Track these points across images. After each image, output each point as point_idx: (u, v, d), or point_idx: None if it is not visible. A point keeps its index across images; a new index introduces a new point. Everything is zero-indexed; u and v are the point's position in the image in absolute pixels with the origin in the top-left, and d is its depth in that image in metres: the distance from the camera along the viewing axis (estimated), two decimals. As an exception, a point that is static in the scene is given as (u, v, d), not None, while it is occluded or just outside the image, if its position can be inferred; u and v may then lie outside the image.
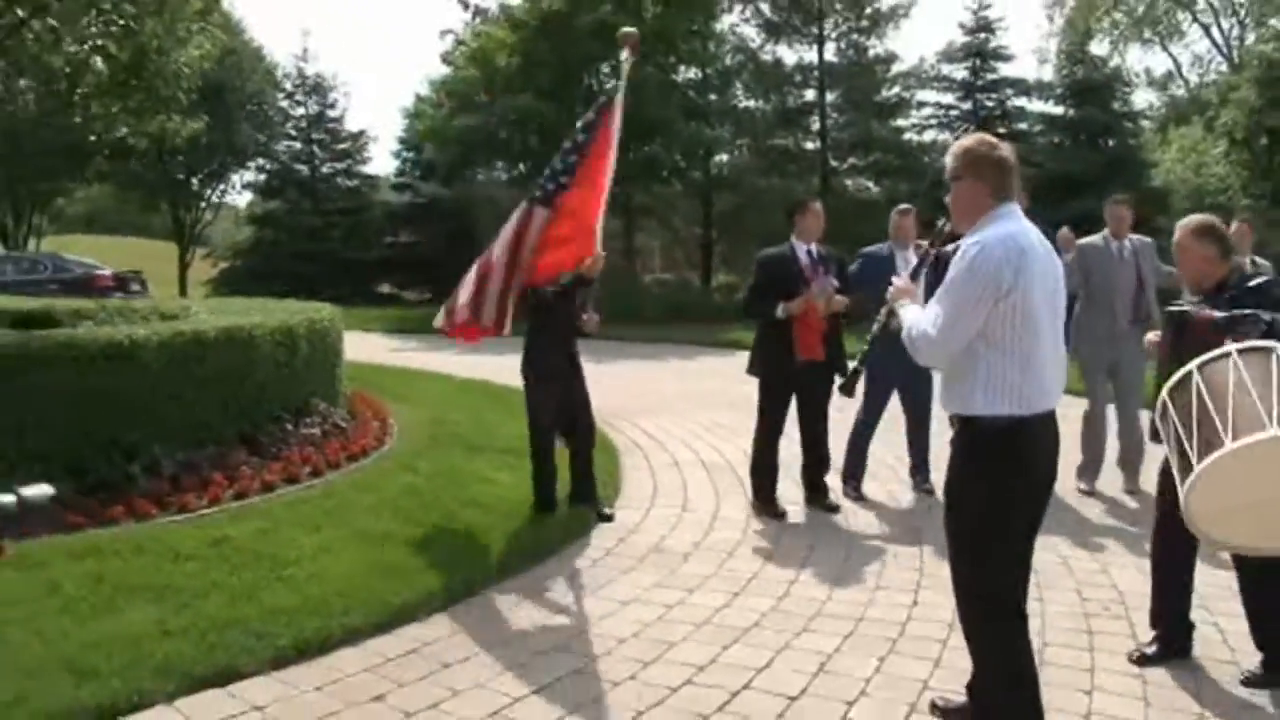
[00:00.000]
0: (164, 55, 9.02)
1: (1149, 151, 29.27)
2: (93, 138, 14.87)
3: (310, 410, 7.99)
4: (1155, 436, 3.88)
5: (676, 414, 10.74)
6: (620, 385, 13.08)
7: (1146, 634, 4.54)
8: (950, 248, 3.78)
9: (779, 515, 6.76)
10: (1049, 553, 5.89)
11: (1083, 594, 5.26)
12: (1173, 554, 4.39)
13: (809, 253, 6.81)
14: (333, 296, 15.16)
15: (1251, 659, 4.27)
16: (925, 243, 4.02)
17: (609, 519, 6.57)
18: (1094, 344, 7.30)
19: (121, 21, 7.97)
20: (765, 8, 31.41)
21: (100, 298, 14.25)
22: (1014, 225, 3.38)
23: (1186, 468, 2.79)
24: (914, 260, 4.19)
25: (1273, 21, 34.88)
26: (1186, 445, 2.82)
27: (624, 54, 6.81)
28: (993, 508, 3.37)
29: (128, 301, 11.49)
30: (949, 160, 3.57)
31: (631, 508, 6.97)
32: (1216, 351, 2.94)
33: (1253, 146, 22.82)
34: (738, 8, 31.50)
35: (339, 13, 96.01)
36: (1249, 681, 4.15)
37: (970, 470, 3.43)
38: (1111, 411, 7.40)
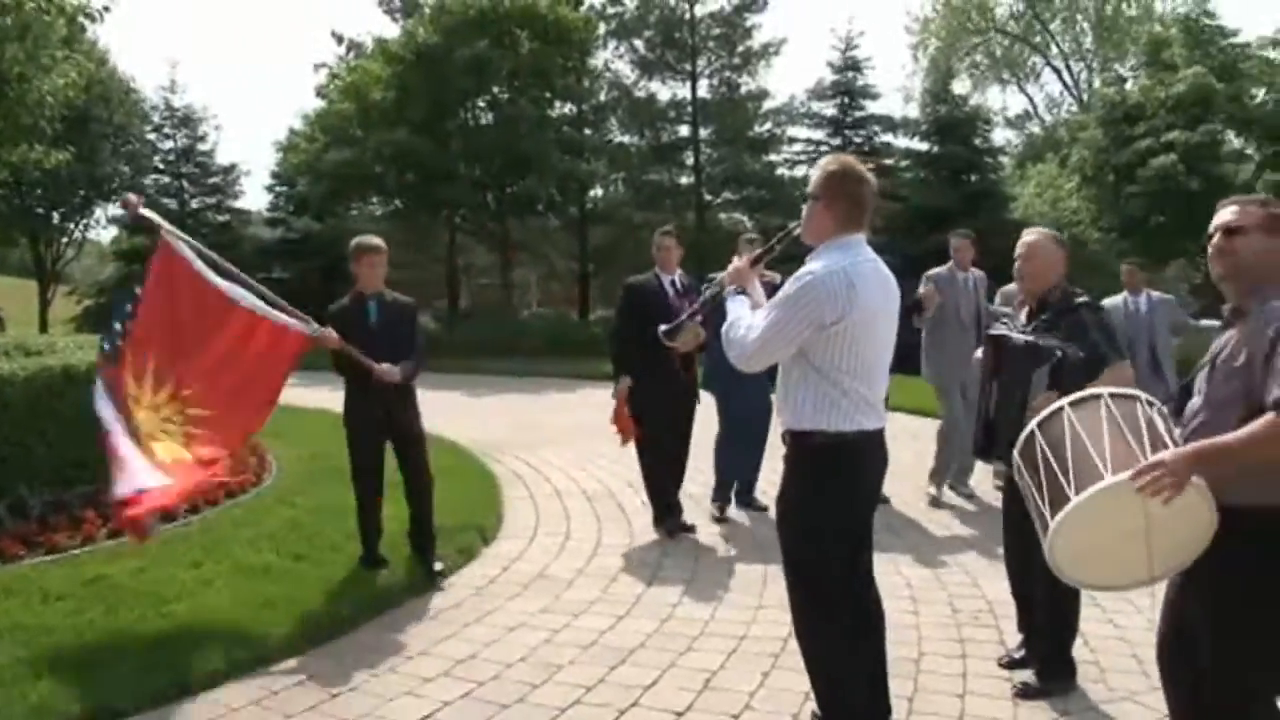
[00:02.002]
0: (26, 82, 8.76)
1: (1009, 186, 30.41)
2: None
3: (185, 446, 7.82)
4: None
5: (558, 445, 10.80)
6: (501, 418, 13.11)
7: (1014, 640, 4.75)
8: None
9: (686, 529, 7.03)
10: (921, 567, 6.14)
11: (954, 605, 5.48)
12: (1025, 568, 4.58)
13: (672, 283, 6.99)
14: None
15: (1108, 659, 4.53)
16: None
17: (441, 574, 6.01)
18: (947, 364, 7.86)
19: (-24, 45, 7.78)
20: (639, 44, 31.86)
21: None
22: (849, 258, 3.47)
23: (1045, 525, 2.94)
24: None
25: (1116, 67, 36.84)
26: (1040, 504, 2.98)
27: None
28: (821, 520, 3.55)
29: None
30: (814, 174, 3.67)
31: (515, 537, 7.01)
32: (1051, 408, 3.08)
33: (1101, 182, 23.98)
34: (612, 44, 31.91)
35: (208, 44, 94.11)
36: (1025, 693, 4.28)
37: (799, 484, 3.60)
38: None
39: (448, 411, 13.52)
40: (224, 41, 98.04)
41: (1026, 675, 4.40)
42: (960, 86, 41.52)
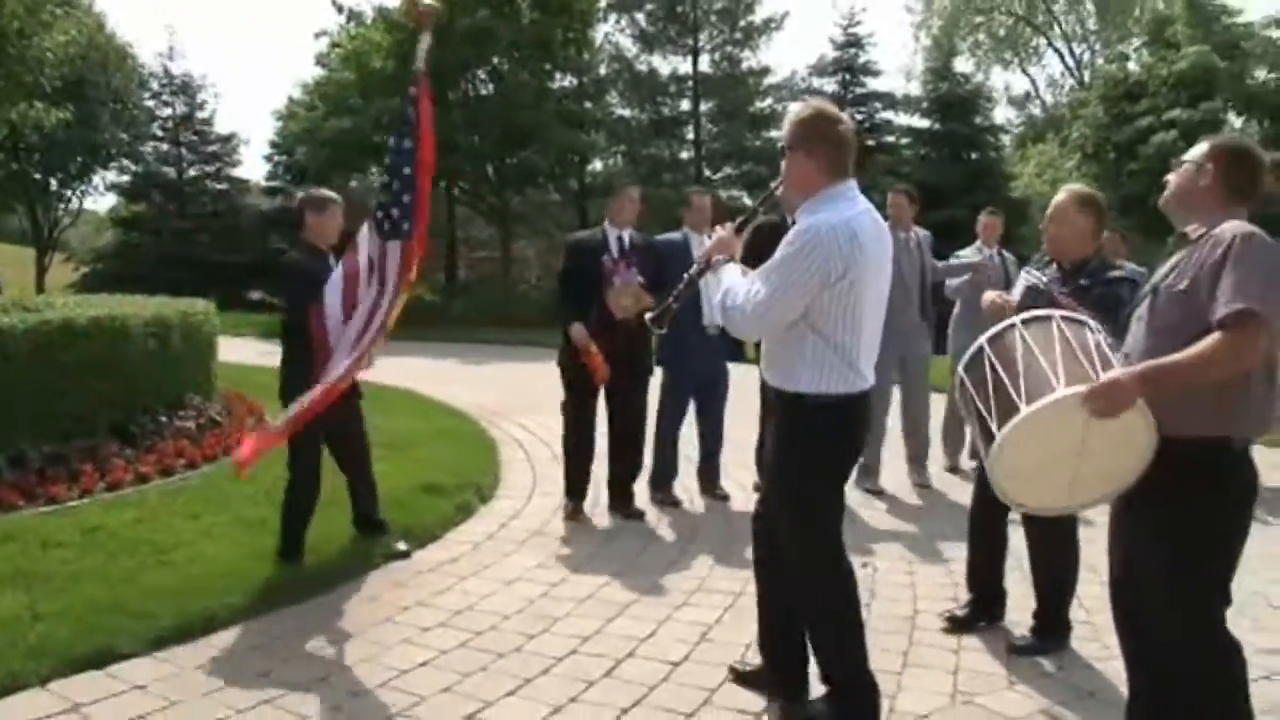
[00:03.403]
0: (25, 39, 8.71)
1: (1010, 165, 30.41)
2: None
3: (184, 404, 7.85)
4: None
5: (554, 410, 10.75)
6: (499, 385, 13.13)
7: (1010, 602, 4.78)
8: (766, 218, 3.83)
9: (636, 516, 6.52)
10: (917, 530, 6.17)
11: (950, 567, 5.49)
12: (988, 525, 4.56)
13: (619, 239, 6.40)
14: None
15: (1101, 618, 4.55)
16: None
17: (404, 554, 5.59)
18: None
19: (-32, -2, 7.72)
20: (641, 18, 31.78)
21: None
22: (849, 209, 3.34)
23: (989, 437, 2.95)
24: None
25: (1119, 47, 36.74)
26: (986, 416, 2.97)
27: (425, 37, 5.24)
28: (818, 477, 3.49)
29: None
30: (785, 127, 3.49)
31: (512, 497, 7.03)
32: (1002, 324, 3.11)
33: (1101, 159, 24.00)
34: (613, 17, 31.82)
35: (208, 10, 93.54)
36: (1020, 650, 4.31)
37: (796, 444, 3.50)
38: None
39: (446, 378, 13.59)
40: (222, 9, 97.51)
41: (1023, 632, 4.43)
42: (962, 65, 41.44)
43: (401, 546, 5.62)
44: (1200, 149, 3.04)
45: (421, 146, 5.08)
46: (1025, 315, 3.10)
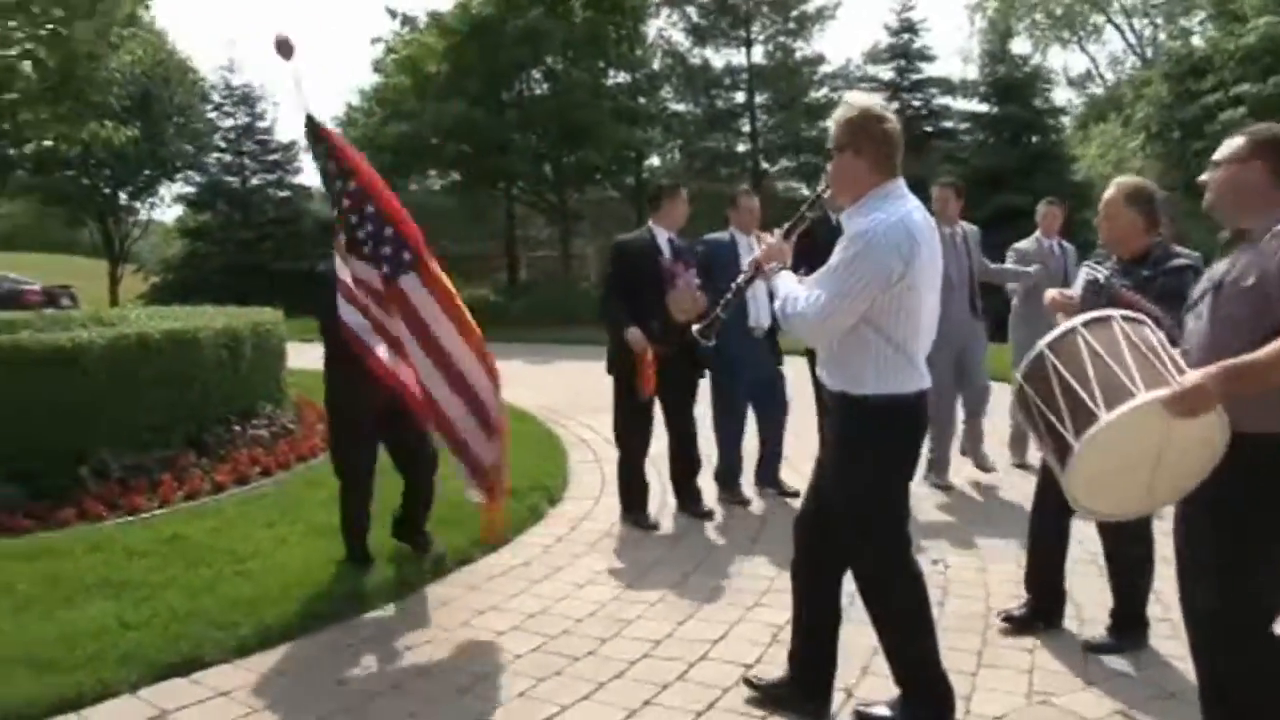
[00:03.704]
0: (94, 60, 8.96)
1: (1070, 147, 29.95)
2: (14, 150, 14.55)
3: (257, 413, 8.01)
4: None
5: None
6: (563, 385, 13.21)
7: (1082, 596, 4.73)
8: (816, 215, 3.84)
9: (705, 515, 6.51)
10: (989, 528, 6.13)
11: (1020, 562, 5.44)
12: (1049, 526, 4.52)
13: (670, 241, 6.34)
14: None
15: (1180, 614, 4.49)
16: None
17: (440, 559, 5.55)
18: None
19: (50, 26, 7.91)
20: (692, 11, 31.75)
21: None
22: (902, 208, 3.33)
23: (1063, 447, 2.89)
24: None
25: (1181, 21, 36.02)
26: (1059, 426, 2.91)
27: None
28: (885, 477, 3.48)
29: (65, 311, 11.41)
30: (831, 128, 3.47)
31: (581, 498, 7.08)
32: (1061, 329, 3.05)
33: (1166, 139, 23.55)
34: (665, 11, 31.82)
35: (265, 22, 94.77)
36: (1096, 648, 4.28)
37: (858, 445, 3.46)
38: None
39: (509, 378, 13.64)
40: (279, 19, 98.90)
41: (1099, 630, 4.39)
42: (1019, 47, 40.90)
43: (440, 550, 5.58)
44: (1236, 144, 2.98)
45: (359, 175, 4.81)
46: (1085, 318, 3.03)
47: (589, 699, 3.93)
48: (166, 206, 37.24)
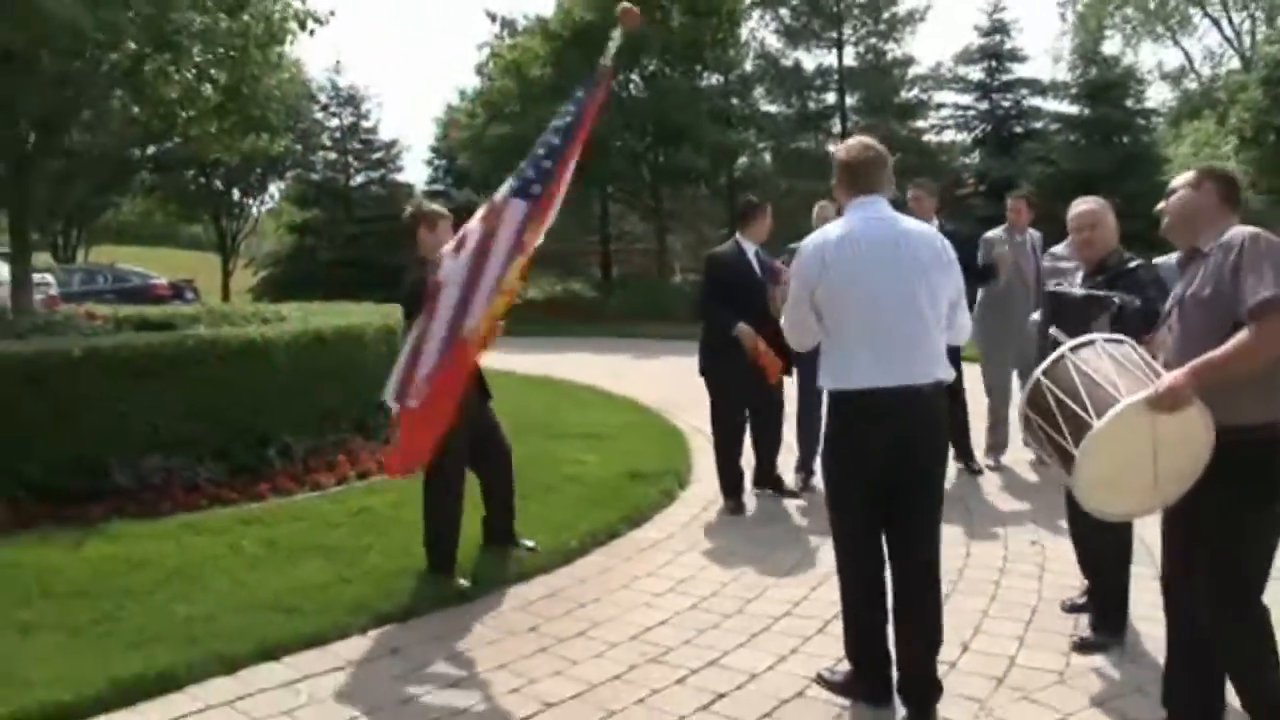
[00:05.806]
0: (258, 81, 9.87)
1: (1162, 147, 29.83)
2: (138, 151, 15.48)
3: (409, 401, 8.83)
4: None
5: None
6: (667, 379, 13.85)
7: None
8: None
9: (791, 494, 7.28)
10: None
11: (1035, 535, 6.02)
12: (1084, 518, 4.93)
13: (757, 254, 7.06)
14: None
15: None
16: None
17: (531, 550, 5.91)
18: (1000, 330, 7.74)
19: (232, 53, 8.80)
20: (785, 13, 32.20)
21: (156, 305, 15.20)
22: (846, 221, 3.84)
23: (1067, 458, 3.24)
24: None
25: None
26: (1060, 439, 3.26)
27: (617, 31, 5.33)
28: (833, 474, 4.01)
29: (220, 307, 12.39)
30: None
31: (706, 481, 7.72)
32: (1052, 357, 3.42)
33: (1262, 144, 23.46)
34: (757, 14, 32.33)
35: (369, 24, 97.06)
36: (1082, 646, 4.53)
37: (824, 439, 4.04)
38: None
39: (618, 373, 14.44)
40: (383, 21, 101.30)
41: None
42: (1111, 46, 40.68)
43: (529, 544, 5.93)
44: (1187, 177, 3.52)
45: (581, 127, 5.13)
46: (1071, 343, 3.44)
47: (744, 646, 4.67)
48: (275, 204, 38.55)
